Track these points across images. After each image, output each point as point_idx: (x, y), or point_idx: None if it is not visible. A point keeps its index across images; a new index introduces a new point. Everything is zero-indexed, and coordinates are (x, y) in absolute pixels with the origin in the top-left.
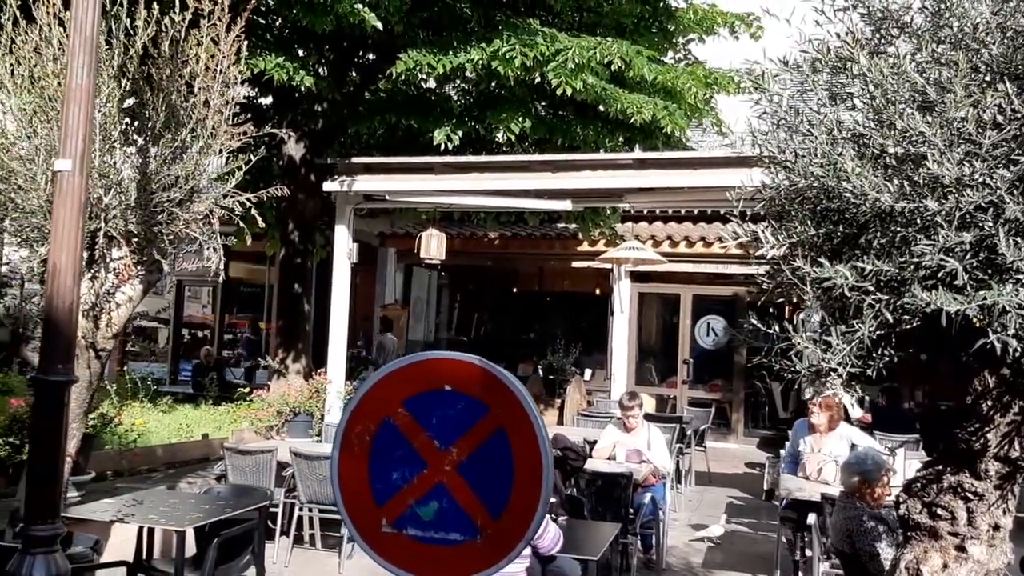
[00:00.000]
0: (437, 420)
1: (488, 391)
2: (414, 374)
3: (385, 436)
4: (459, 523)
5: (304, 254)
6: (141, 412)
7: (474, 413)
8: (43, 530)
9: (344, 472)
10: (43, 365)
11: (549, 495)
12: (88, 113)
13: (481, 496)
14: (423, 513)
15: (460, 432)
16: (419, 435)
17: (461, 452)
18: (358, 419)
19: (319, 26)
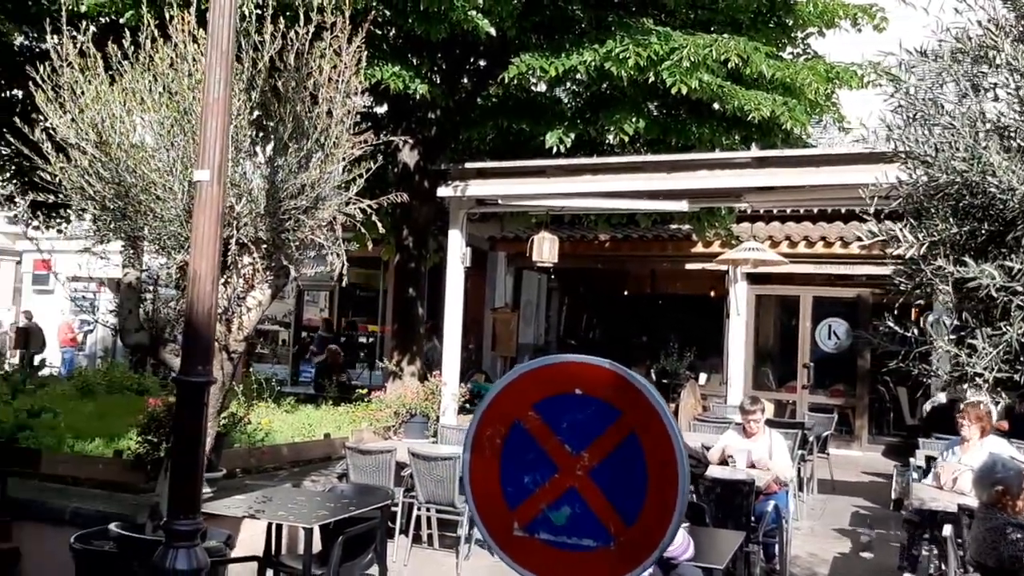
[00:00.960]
0: (568, 424)
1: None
2: (544, 377)
3: (516, 439)
4: (592, 529)
5: (418, 259)
6: (266, 412)
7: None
8: (185, 524)
9: (475, 474)
10: (184, 367)
11: (685, 502)
12: (225, 125)
13: (614, 502)
14: (555, 518)
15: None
16: (550, 439)
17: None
18: (488, 422)
19: (434, 34)
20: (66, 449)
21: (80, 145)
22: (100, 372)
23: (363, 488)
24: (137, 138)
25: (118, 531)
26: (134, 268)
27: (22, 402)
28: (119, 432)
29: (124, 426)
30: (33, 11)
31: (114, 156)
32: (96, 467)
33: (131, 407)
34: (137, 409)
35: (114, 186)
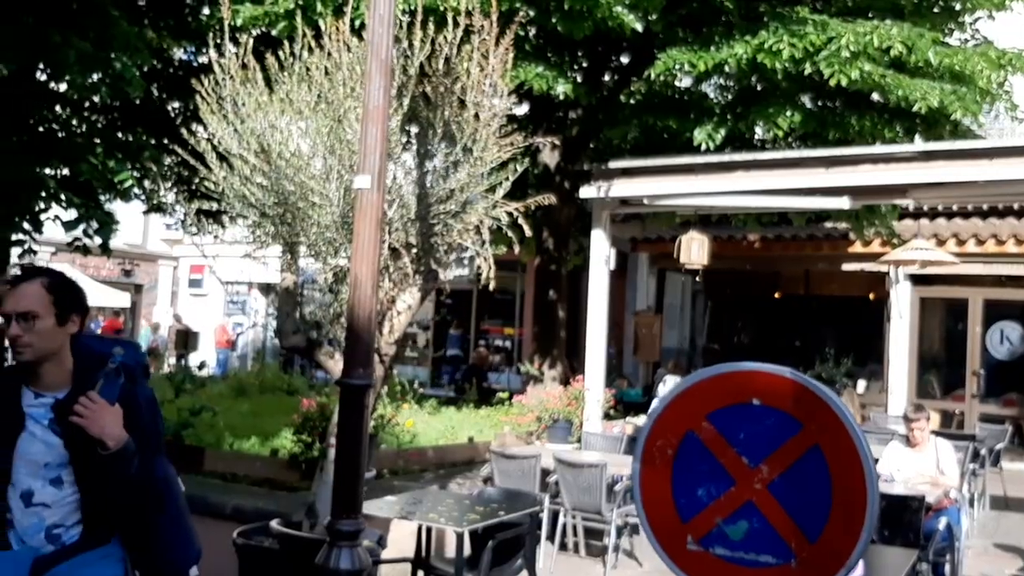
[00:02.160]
0: (745, 435)
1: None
2: (719, 386)
3: (689, 450)
4: (772, 545)
5: (558, 261)
6: (409, 414)
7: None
8: (348, 525)
9: (646, 485)
10: (346, 369)
11: (874, 520)
12: (384, 132)
13: (795, 518)
14: (731, 532)
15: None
16: (726, 451)
17: (772, 470)
18: (660, 431)
19: (577, 33)
20: (225, 447)
21: (241, 154)
22: (253, 373)
23: (511, 493)
24: (294, 146)
25: (280, 528)
26: (291, 273)
27: (184, 401)
28: (273, 431)
29: (277, 425)
30: (193, 27)
31: (274, 164)
32: (254, 465)
33: (282, 407)
34: (289, 409)
35: (273, 193)
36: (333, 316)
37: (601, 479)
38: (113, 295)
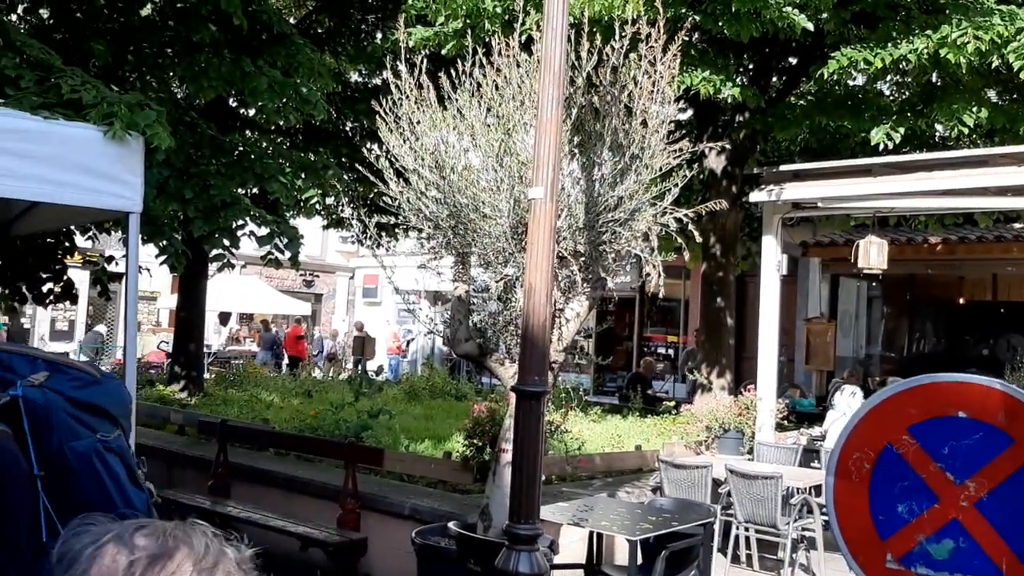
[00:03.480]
0: (950, 450)
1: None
2: (920, 397)
3: (888, 464)
4: (980, 566)
5: (725, 267)
6: (575, 421)
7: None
8: (526, 529)
9: (840, 499)
10: (521, 376)
11: None
12: (557, 143)
13: (1006, 538)
14: (935, 551)
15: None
16: (928, 466)
17: (980, 487)
18: (856, 444)
19: (744, 35)
20: (401, 448)
21: (417, 169)
22: (423, 378)
23: (684, 503)
24: (466, 161)
25: (457, 530)
26: (463, 282)
27: (363, 404)
28: (445, 434)
29: (449, 429)
30: (368, 51)
31: (447, 178)
32: (428, 466)
33: (452, 411)
34: (458, 413)
35: (447, 206)
36: (503, 324)
37: (776, 491)
38: (295, 304)
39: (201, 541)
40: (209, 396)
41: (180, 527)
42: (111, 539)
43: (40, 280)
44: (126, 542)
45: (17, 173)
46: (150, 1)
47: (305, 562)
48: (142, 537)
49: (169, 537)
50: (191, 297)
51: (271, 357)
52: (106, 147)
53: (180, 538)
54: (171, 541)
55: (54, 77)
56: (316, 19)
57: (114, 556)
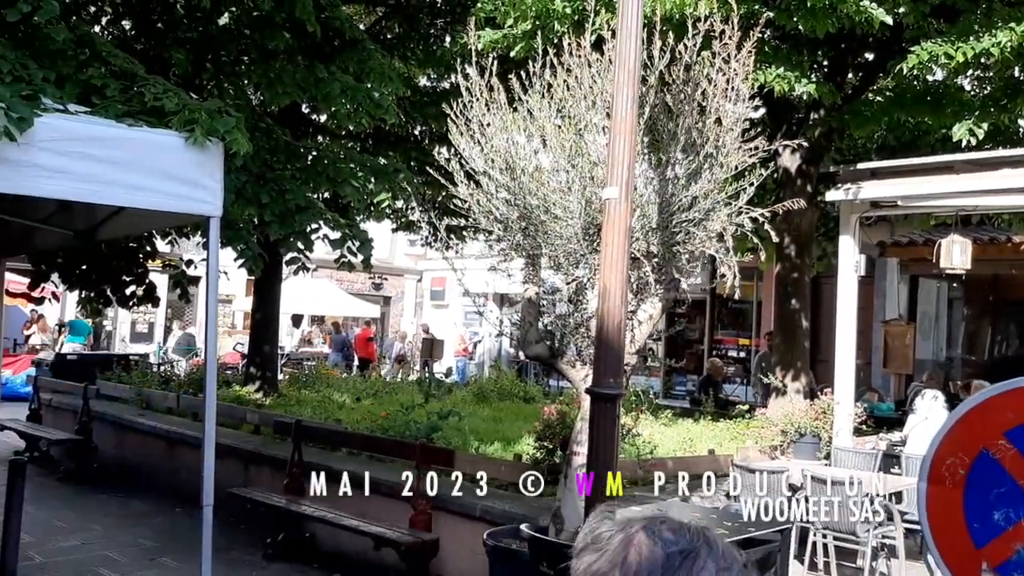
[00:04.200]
0: None
1: None
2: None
3: (983, 470)
4: None
5: (800, 268)
6: (645, 425)
7: None
8: None
9: (933, 506)
10: (596, 378)
11: None
12: (632, 143)
13: None
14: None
15: None
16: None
17: None
18: (949, 449)
19: (820, 30)
20: (471, 450)
21: (487, 171)
22: (491, 380)
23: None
24: (537, 162)
25: (530, 532)
26: (533, 284)
27: (433, 405)
28: (514, 436)
29: (518, 431)
30: (437, 55)
31: (518, 180)
32: (499, 468)
33: (521, 413)
34: (527, 415)
35: (517, 208)
36: (573, 326)
37: (855, 497)
38: (365, 307)
39: (717, 542)
40: (283, 397)
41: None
42: (641, 529)
43: (123, 283)
44: (657, 534)
45: (104, 179)
46: (227, 10)
47: (378, 562)
48: (669, 532)
49: (693, 534)
50: (266, 300)
51: (342, 359)
52: (188, 153)
53: (702, 537)
54: (696, 539)
55: (137, 86)
56: (386, 25)
57: (650, 547)
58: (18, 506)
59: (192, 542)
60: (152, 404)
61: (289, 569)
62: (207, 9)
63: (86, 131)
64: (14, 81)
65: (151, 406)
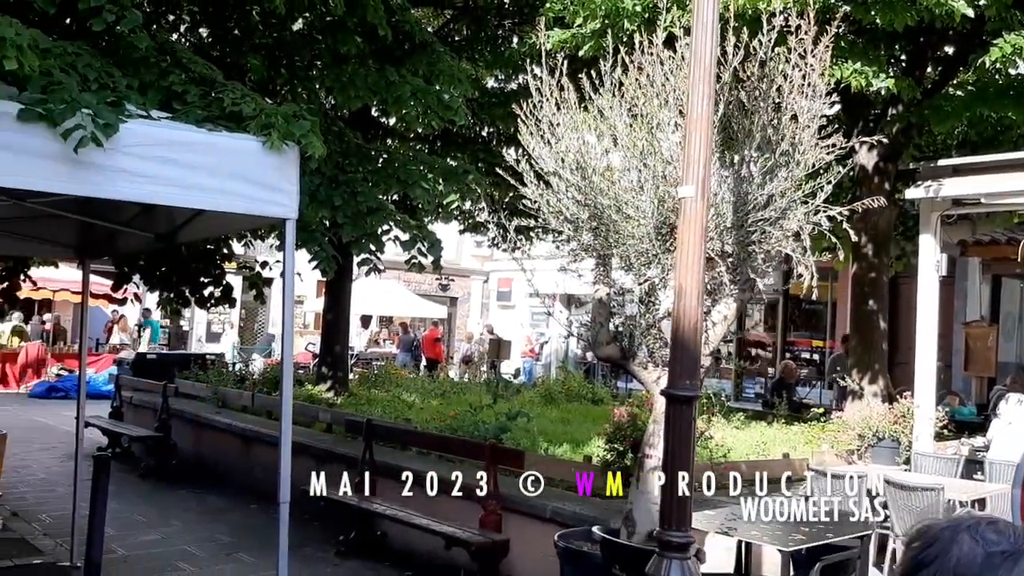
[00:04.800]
0: None
1: None
2: None
3: None
4: None
5: (878, 268)
6: (718, 427)
7: None
8: (678, 536)
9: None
10: (671, 380)
11: None
12: (708, 140)
13: None
14: None
15: None
16: None
17: None
18: None
19: (899, 23)
20: (540, 451)
21: (557, 171)
22: (559, 381)
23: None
24: (607, 161)
25: (601, 535)
26: (604, 284)
27: (501, 406)
28: (583, 438)
29: (586, 433)
30: (506, 55)
31: (589, 180)
32: (568, 470)
33: (589, 415)
34: (595, 417)
35: (587, 208)
36: (645, 327)
37: (938, 504)
38: (432, 308)
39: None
40: (353, 396)
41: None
42: (966, 529)
43: (201, 284)
44: (980, 534)
45: (185, 183)
46: (301, 16)
47: (448, 561)
48: (993, 533)
49: (1018, 537)
50: (337, 300)
51: (410, 359)
52: (265, 157)
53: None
54: (1020, 541)
55: (216, 92)
56: (454, 27)
57: (971, 545)
58: (102, 501)
59: (266, 538)
60: (228, 402)
61: (361, 567)
62: (282, 15)
63: (168, 136)
64: (100, 88)
65: (227, 404)
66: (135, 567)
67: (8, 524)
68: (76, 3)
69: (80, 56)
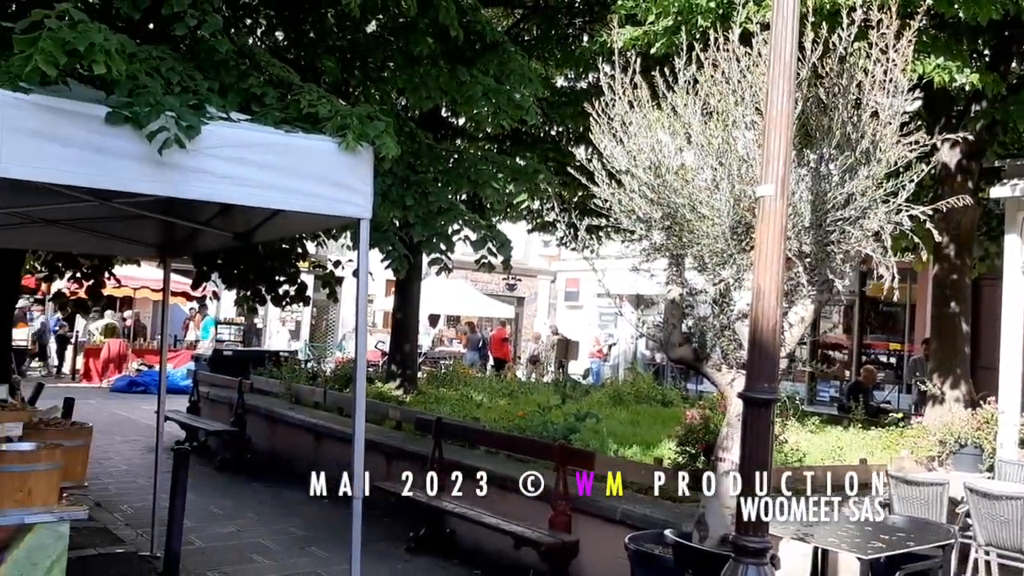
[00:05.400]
0: None
1: None
2: None
3: None
4: None
5: (960, 269)
6: (791, 431)
7: None
8: (755, 542)
9: None
10: (749, 383)
11: None
12: (788, 138)
13: None
14: None
15: None
16: None
17: None
18: None
19: (983, 17)
20: (609, 453)
21: (630, 170)
22: (628, 383)
23: (919, 522)
24: (681, 159)
25: (674, 538)
26: (677, 285)
27: (570, 407)
28: (652, 440)
29: (656, 435)
30: (576, 54)
31: (663, 178)
32: (639, 472)
33: (659, 417)
34: (665, 419)
35: (661, 207)
36: (719, 328)
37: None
38: (500, 307)
39: None
40: (422, 394)
41: None
42: None
43: (277, 283)
44: None
45: (263, 184)
46: (375, 18)
47: (517, 561)
48: None
49: None
50: (407, 300)
51: (478, 358)
52: (340, 157)
53: None
54: None
55: (292, 94)
56: (524, 27)
57: None
58: (181, 493)
59: (338, 532)
60: (301, 399)
61: (431, 563)
62: (356, 18)
63: (247, 137)
64: (182, 91)
65: (299, 400)
66: (212, 559)
67: (92, 514)
68: (159, 8)
69: (163, 60)
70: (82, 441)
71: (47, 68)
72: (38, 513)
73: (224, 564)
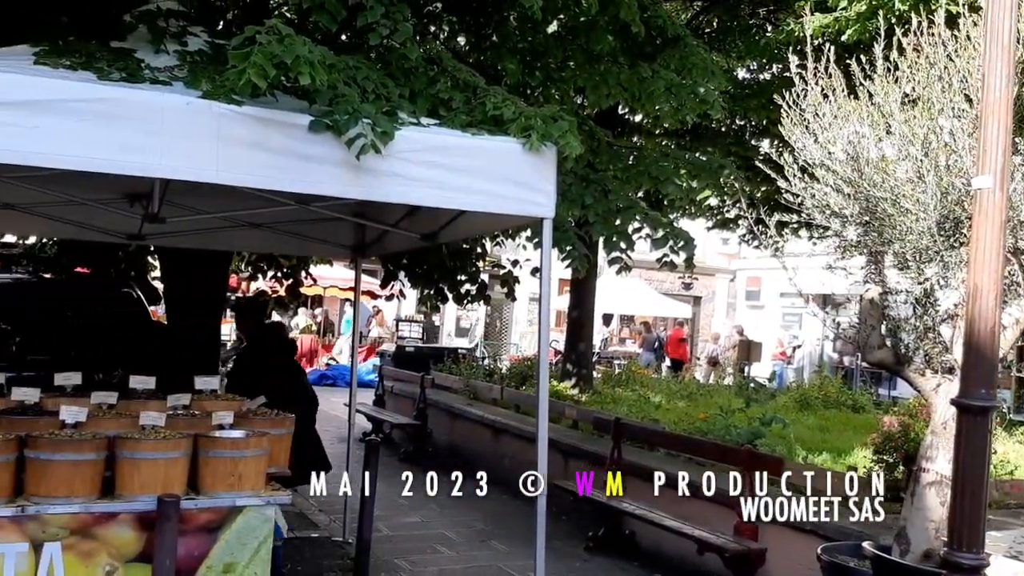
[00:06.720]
0: None
1: None
2: None
3: None
4: None
5: None
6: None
7: None
8: (969, 559)
9: None
10: (963, 388)
11: None
12: (1007, 126)
13: None
14: None
15: None
16: None
17: None
18: None
19: None
20: (798, 459)
21: (825, 163)
22: (815, 386)
23: None
24: (881, 151)
25: (873, 551)
26: (876, 284)
27: (754, 411)
28: (844, 448)
29: (847, 442)
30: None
31: (861, 171)
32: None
33: (849, 423)
34: (857, 426)
35: (859, 201)
36: (923, 330)
37: None
38: (675, 306)
39: None
40: (598, 394)
41: None
42: None
43: (458, 282)
44: None
45: (451, 185)
46: (556, 18)
47: (700, 566)
48: None
49: None
50: (582, 299)
51: (653, 358)
52: (525, 158)
53: None
54: None
55: (478, 98)
56: (704, 19)
57: None
58: (372, 482)
59: (517, 528)
60: (479, 395)
61: (610, 564)
62: (538, 20)
63: (436, 141)
64: (376, 99)
65: (477, 396)
66: (399, 546)
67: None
68: (353, 20)
69: (359, 69)
70: (285, 430)
71: (258, 80)
72: (247, 497)
73: (410, 553)
